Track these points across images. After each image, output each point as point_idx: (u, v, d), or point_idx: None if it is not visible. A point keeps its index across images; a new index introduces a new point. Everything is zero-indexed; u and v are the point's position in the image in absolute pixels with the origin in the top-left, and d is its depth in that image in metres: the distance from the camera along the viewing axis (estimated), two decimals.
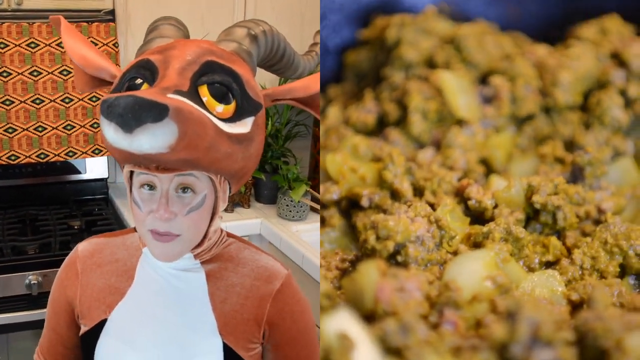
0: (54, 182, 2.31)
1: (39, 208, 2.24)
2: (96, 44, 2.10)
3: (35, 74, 2.07)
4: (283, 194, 2.24)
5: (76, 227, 2.12)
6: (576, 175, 1.00)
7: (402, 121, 1.07)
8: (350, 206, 1.00)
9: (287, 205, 2.23)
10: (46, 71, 2.08)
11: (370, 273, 0.83)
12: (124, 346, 0.93)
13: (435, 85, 1.06)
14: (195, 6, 2.23)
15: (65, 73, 2.11)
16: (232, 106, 0.81)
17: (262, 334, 0.95)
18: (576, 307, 0.87)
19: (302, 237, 2.11)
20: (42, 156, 2.14)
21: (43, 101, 2.10)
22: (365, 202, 0.98)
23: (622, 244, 0.91)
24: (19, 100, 2.06)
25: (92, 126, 2.19)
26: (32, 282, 1.84)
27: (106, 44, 2.13)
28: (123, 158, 0.80)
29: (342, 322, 0.75)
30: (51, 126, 2.12)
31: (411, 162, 1.01)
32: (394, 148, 1.03)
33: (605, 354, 0.74)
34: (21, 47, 2.04)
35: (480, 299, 0.82)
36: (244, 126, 0.82)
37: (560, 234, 0.95)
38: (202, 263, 0.94)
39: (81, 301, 0.97)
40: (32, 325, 1.84)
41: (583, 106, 1.07)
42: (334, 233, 0.99)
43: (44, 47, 2.06)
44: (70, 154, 2.18)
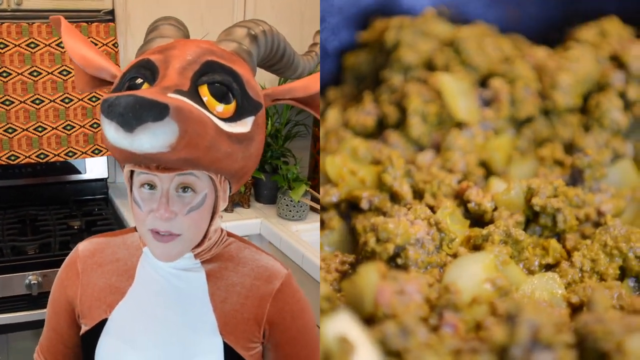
0: (53, 182, 2.31)
1: (39, 208, 2.24)
2: (96, 44, 2.09)
3: (35, 74, 2.07)
4: (283, 193, 2.24)
5: (76, 227, 2.12)
6: (576, 178, 1.00)
7: (402, 124, 1.06)
8: (350, 209, 0.99)
9: (287, 205, 2.23)
10: (46, 71, 2.08)
11: (370, 276, 0.83)
12: (125, 346, 0.93)
13: (434, 88, 1.06)
14: (195, 6, 2.23)
15: (65, 73, 2.10)
16: (232, 106, 0.81)
17: (262, 333, 0.95)
18: (576, 309, 0.87)
19: (302, 236, 2.11)
20: (42, 156, 2.14)
21: (43, 101, 2.09)
22: (365, 205, 0.98)
23: (621, 246, 0.91)
24: (18, 101, 2.06)
25: (92, 126, 2.19)
26: (32, 282, 1.84)
27: (106, 44, 2.13)
28: (123, 157, 0.80)
29: (342, 325, 0.75)
30: (51, 126, 2.12)
31: (411, 164, 1.01)
32: (394, 150, 1.02)
33: (605, 357, 0.74)
34: (21, 47, 2.03)
35: (480, 302, 0.82)
36: (244, 126, 0.82)
37: (560, 237, 0.95)
38: (203, 263, 0.94)
39: (82, 301, 0.97)
40: (32, 325, 1.84)
41: (582, 108, 1.07)
42: (333, 235, 0.99)
43: (43, 47, 2.06)
44: (70, 154, 2.18)
